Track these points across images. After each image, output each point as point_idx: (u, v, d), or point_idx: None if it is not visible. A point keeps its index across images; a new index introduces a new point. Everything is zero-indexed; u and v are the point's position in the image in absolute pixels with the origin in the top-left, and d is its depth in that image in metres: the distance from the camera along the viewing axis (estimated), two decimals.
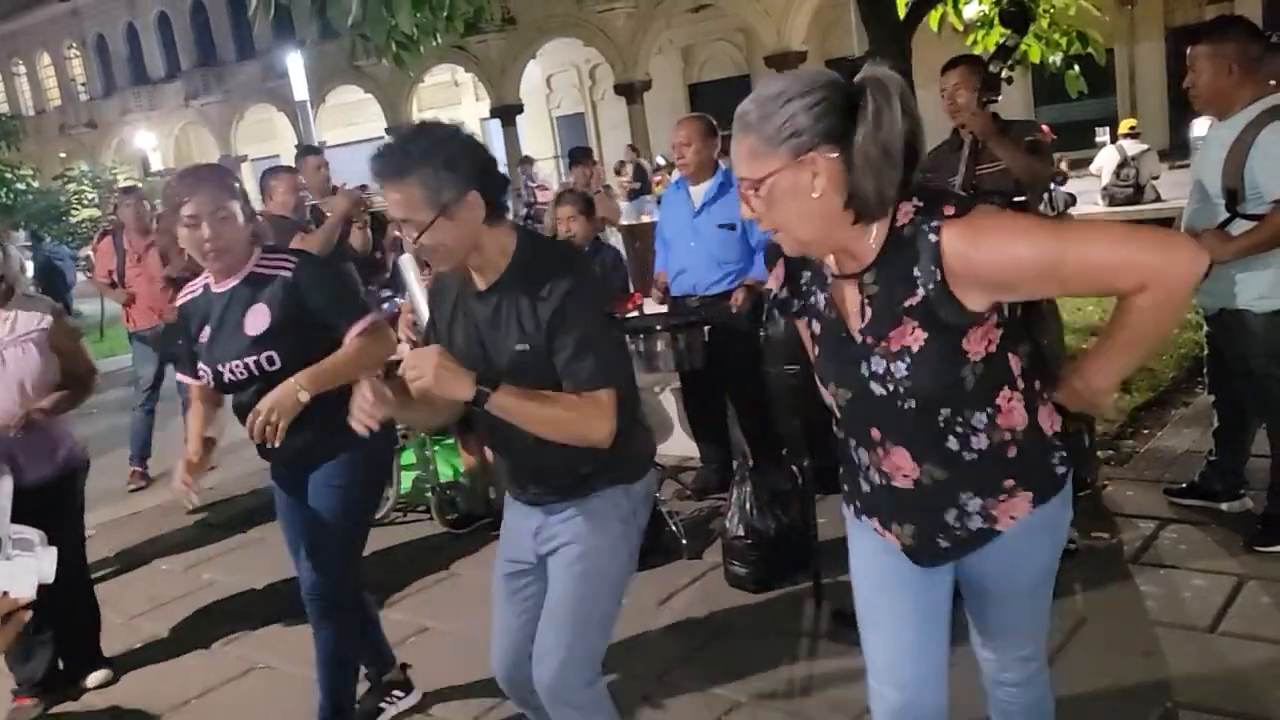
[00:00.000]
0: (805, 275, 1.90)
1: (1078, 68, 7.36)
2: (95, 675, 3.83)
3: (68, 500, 3.66)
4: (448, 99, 32.15)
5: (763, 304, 4.05)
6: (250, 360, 2.77)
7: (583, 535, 2.25)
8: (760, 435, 4.65)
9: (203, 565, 5.01)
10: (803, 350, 1.99)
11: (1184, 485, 4.06)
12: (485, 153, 2.13)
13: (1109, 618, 3.27)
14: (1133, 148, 11.90)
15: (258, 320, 2.78)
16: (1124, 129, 12.56)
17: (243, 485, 5.23)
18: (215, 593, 4.63)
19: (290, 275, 2.81)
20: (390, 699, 3.31)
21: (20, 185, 25.01)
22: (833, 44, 22.61)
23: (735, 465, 4.28)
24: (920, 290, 1.68)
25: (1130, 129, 12.48)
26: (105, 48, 39.38)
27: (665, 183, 13.50)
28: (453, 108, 31.81)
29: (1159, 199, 11.41)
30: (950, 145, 4.01)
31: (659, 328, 4.42)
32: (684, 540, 4.20)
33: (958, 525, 1.82)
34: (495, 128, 28.51)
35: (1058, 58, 7.21)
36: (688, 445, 5.15)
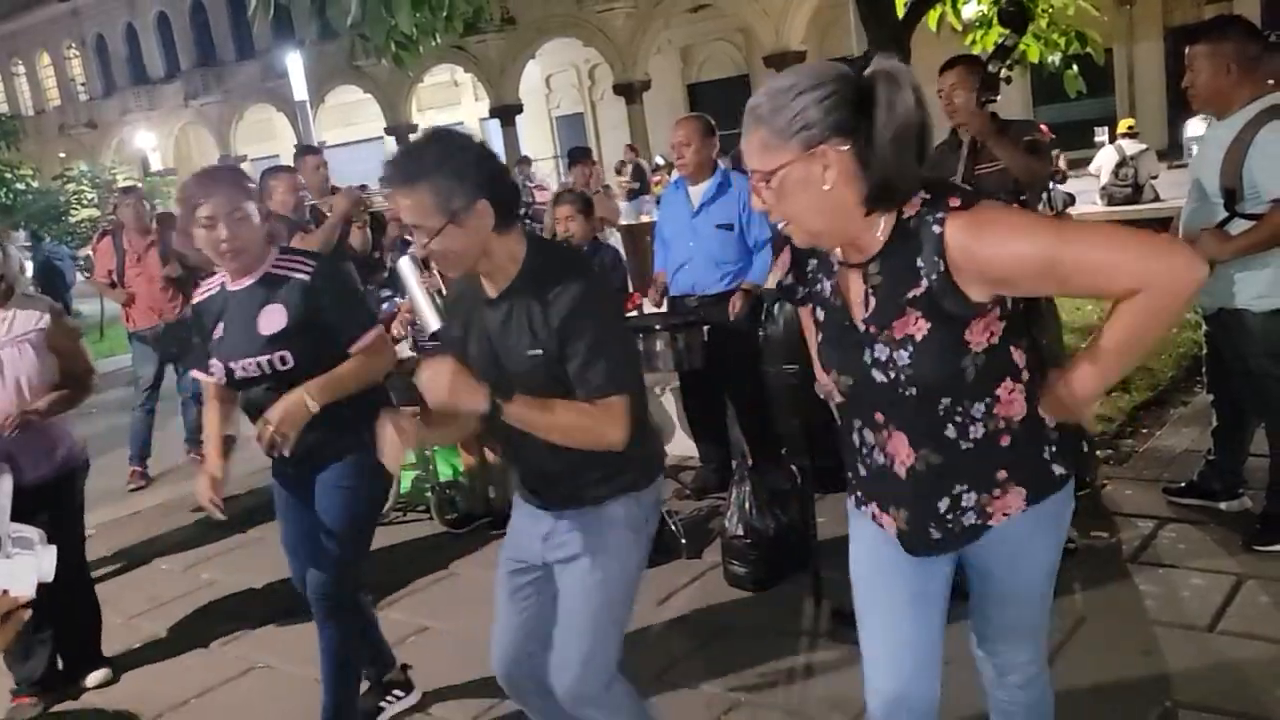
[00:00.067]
0: (812, 263, 1.93)
1: (1076, 67, 7.36)
2: (95, 675, 3.84)
3: (67, 500, 3.66)
4: (447, 99, 32.16)
5: (761, 305, 4.08)
6: (264, 359, 2.80)
7: (595, 546, 2.27)
8: (759, 435, 4.66)
9: (202, 565, 5.02)
10: (802, 349, 2.00)
11: (1183, 484, 4.07)
12: (496, 162, 2.18)
13: (1108, 617, 3.28)
14: (1131, 147, 11.89)
15: (272, 320, 2.80)
16: (1122, 129, 12.54)
17: (242, 485, 5.23)
18: (215, 592, 4.63)
19: (308, 279, 2.83)
20: (390, 699, 3.32)
21: (20, 185, 24.94)
22: (832, 44, 22.59)
23: (734, 465, 4.29)
24: (924, 281, 1.70)
25: (1129, 129, 12.47)
26: (105, 48, 39.39)
27: (664, 183, 13.52)
28: (452, 108, 31.83)
29: (1157, 199, 11.39)
30: (949, 145, 4.01)
31: (658, 327, 4.42)
32: (683, 540, 4.21)
33: (950, 517, 1.83)
34: (494, 128, 28.52)
35: (1056, 57, 7.21)
36: (687, 445, 5.15)
